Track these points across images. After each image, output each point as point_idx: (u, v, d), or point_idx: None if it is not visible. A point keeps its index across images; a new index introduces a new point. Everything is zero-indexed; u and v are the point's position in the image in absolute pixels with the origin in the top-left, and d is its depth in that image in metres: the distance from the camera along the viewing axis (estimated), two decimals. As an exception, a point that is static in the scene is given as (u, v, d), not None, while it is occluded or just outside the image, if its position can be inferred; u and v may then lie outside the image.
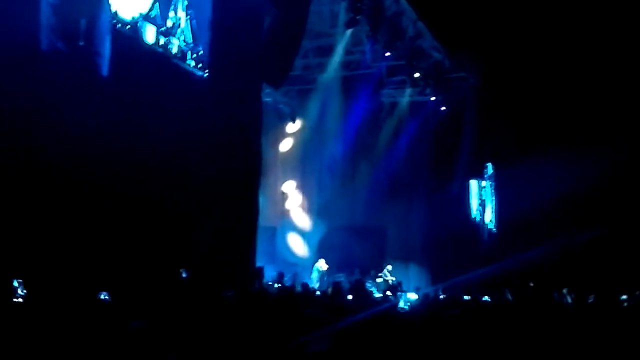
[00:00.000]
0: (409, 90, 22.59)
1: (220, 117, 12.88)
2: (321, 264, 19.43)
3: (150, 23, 11.52)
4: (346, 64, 21.16)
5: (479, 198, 25.38)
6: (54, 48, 9.39)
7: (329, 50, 20.13)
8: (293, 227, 22.91)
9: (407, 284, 19.92)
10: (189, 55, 12.50)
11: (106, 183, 10.32)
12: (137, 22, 11.26)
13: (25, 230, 8.90)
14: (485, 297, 16.26)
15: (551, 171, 21.30)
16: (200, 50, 12.68)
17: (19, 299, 7.64)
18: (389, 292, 18.03)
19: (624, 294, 15.06)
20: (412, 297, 16.06)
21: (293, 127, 23.20)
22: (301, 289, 13.02)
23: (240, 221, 13.73)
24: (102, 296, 7.89)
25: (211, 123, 12.74)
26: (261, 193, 15.22)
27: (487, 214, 25.92)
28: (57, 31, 9.41)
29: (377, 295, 16.49)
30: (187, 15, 12.32)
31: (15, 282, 7.79)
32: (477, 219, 25.26)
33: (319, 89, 21.45)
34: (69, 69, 9.65)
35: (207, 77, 12.87)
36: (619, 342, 6.87)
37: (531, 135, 22.35)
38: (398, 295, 16.73)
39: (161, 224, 11.44)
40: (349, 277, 20.23)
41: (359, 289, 14.73)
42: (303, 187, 23.42)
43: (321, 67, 21.08)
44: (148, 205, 11.21)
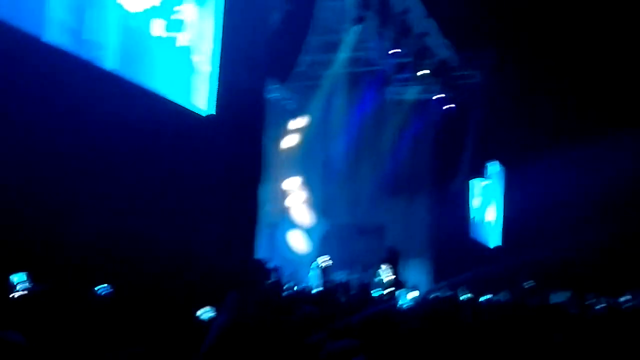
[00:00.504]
0: (415, 88, 22.46)
1: (224, 110, 12.77)
2: (323, 260, 19.29)
3: (157, 16, 11.36)
4: (352, 61, 20.99)
5: (481, 197, 25.34)
6: (58, 41, 9.25)
7: (335, 46, 19.97)
8: (293, 224, 22.79)
9: (408, 282, 19.83)
10: (196, 49, 12.35)
11: (108, 179, 10.18)
12: (143, 16, 11.10)
13: (27, 225, 8.76)
14: (485, 297, 16.23)
15: (561, 170, 21.21)
16: (207, 46, 12.54)
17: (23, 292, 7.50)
18: (390, 289, 17.95)
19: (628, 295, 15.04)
20: (412, 295, 15.98)
21: (297, 123, 23.05)
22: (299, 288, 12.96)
23: (241, 218, 13.64)
24: (102, 291, 7.76)
25: (214, 118, 12.63)
26: (262, 189, 15.11)
27: (490, 214, 25.86)
28: (62, 24, 9.26)
29: (380, 293, 16.43)
30: (195, 9, 12.15)
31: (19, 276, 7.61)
32: (478, 218, 25.22)
33: (324, 85, 21.30)
34: (74, 62, 9.52)
35: (212, 71, 12.74)
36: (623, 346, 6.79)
37: (540, 133, 22.26)
38: (397, 295, 16.65)
39: (162, 221, 11.32)
40: (349, 275, 20.16)
41: (364, 288, 14.71)
42: (305, 184, 23.29)
43: (327, 63, 20.93)
44: (148, 202, 11.08)
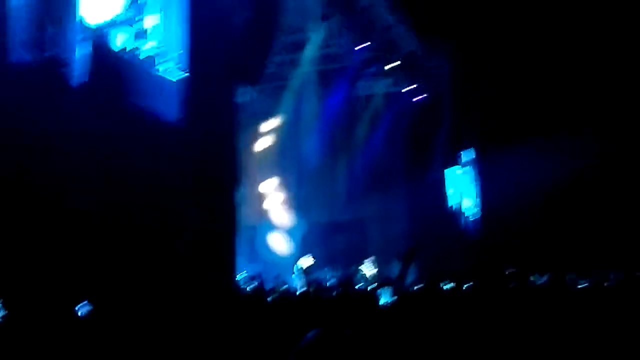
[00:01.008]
0: (384, 82, 22.50)
1: (195, 117, 12.68)
2: (305, 261, 19.26)
3: (119, 28, 11.26)
4: (321, 58, 20.99)
5: (457, 186, 25.45)
6: (22, 60, 9.13)
7: (303, 45, 19.95)
8: (273, 226, 22.75)
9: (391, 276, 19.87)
10: (161, 58, 12.25)
11: (80, 192, 10.09)
12: (105, 28, 10.99)
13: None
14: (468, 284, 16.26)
15: (532, 157, 21.36)
16: (172, 54, 12.44)
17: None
18: (374, 285, 17.95)
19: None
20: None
21: (269, 124, 22.98)
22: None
23: (219, 223, 13.59)
24: (82, 309, 7.66)
25: (185, 126, 12.54)
26: (239, 193, 15.07)
27: (467, 202, 25.98)
28: (25, 42, 9.14)
29: (363, 289, 16.42)
30: (158, 18, 12.05)
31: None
32: (456, 206, 25.33)
33: (294, 84, 21.27)
34: (38, 81, 9.40)
35: (180, 79, 12.64)
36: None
37: (510, 121, 22.38)
38: (378, 293, 16.58)
39: (139, 230, 11.24)
40: (332, 272, 20.16)
41: (347, 285, 14.64)
42: (282, 185, 23.26)
43: (295, 62, 20.90)
44: (124, 212, 11.01)
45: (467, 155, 26.20)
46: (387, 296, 12.99)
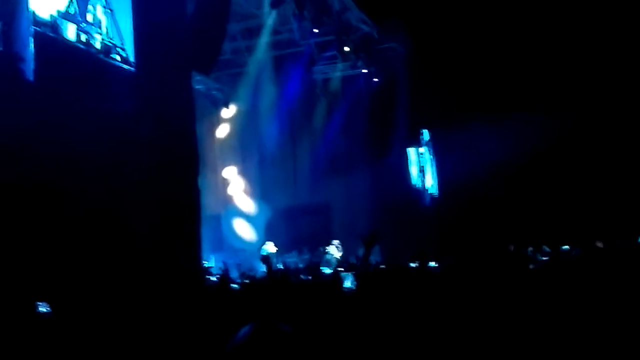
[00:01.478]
0: (340, 65, 22.60)
1: (151, 109, 12.57)
2: (269, 247, 19.37)
3: (70, 20, 11.12)
4: (275, 44, 21.00)
5: (418, 165, 25.71)
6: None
7: (257, 31, 19.93)
8: (238, 213, 22.78)
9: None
10: (114, 50, 12.15)
11: (36, 188, 9.99)
12: (56, 21, 10.86)
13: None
14: (432, 263, 16.46)
15: (487, 135, 21.72)
16: (124, 44, 12.35)
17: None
18: (339, 268, 18.09)
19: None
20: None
21: (228, 112, 22.96)
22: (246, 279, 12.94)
23: (182, 213, 13.50)
24: (42, 308, 7.62)
25: (142, 116, 12.43)
26: (202, 181, 15.03)
27: (428, 180, 26.27)
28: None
29: (328, 272, 16.52)
30: (107, 9, 11.94)
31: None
32: (418, 185, 25.60)
33: (251, 71, 21.26)
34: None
35: (134, 70, 12.54)
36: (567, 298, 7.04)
37: (465, 100, 22.71)
38: (342, 276, 16.66)
39: (98, 225, 11.15)
40: (299, 256, 20.31)
41: (313, 269, 14.75)
42: (244, 172, 23.28)
43: (250, 49, 20.88)
44: (81, 207, 10.89)
45: (427, 134, 26.49)
46: (349, 281, 13.00)
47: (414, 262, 16.11)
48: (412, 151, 25.29)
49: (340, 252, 19.94)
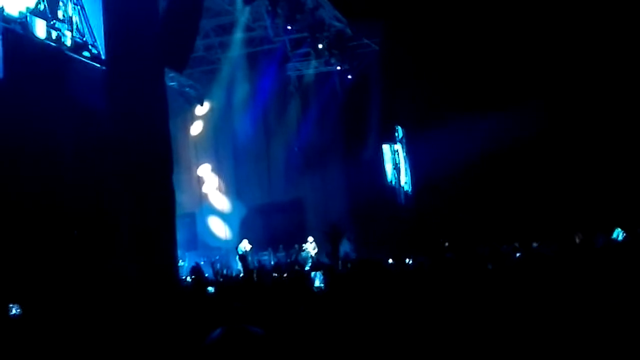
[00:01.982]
0: (314, 62, 22.55)
1: (123, 106, 12.44)
2: (244, 245, 19.30)
3: (40, 17, 10.96)
4: (249, 41, 20.92)
5: (393, 162, 25.76)
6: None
7: (230, 28, 19.82)
8: (212, 211, 22.66)
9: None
10: (84, 47, 11.99)
11: (5, 186, 9.85)
12: (25, 17, 10.70)
13: None
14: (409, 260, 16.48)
15: (460, 132, 21.83)
16: (96, 41, 12.20)
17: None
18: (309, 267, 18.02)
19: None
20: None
21: (202, 109, 22.82)
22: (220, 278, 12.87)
23: (156, 211, 13.38)
24: (13, 310, 7.51)
25: (114, 114, 12.29)
26: (175, 179, 14.90)
27: (402, 177, 26.35)
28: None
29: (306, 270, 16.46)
30: (77, 6, 11.78)
31: None
32: (393, 182, 25.67)
33: (224, 68, 21.15)
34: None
35: (105, 68, 12.40)
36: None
37: (439, 97, 22.81)
38: (312, 276, 16.51)
39: (71, 224, 11.02)
40: (274, 254, 20.25)
41: (289, 268, 14.67)
42: (219, 169, 23.15)
43: (223, 46, 20.76)
44: (54, 206, 10.75)
45: (401, 131, 26.56)
46: (319, 280, 12.88)
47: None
48: (386, 148, 25.33)
49: (316, 249, 19.94)
